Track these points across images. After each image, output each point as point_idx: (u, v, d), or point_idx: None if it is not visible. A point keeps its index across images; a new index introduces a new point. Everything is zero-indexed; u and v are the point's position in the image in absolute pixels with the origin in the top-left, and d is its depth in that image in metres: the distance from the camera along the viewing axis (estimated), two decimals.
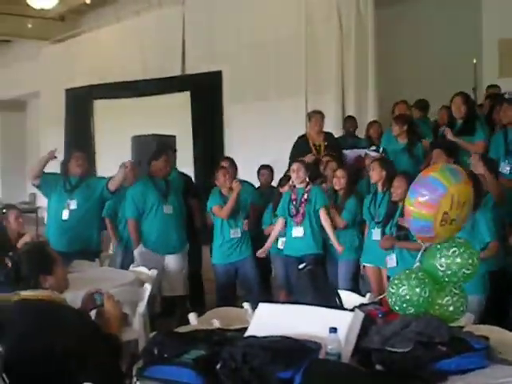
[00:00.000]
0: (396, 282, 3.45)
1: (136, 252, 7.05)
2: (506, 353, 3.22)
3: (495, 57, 10.27)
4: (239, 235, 7.04)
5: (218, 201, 7.07)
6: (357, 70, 10.60)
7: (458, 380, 2.89)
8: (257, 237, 7.25)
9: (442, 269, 3.43)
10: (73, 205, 6.93)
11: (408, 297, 3.36)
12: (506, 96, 7.97)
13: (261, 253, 6.79)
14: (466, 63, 10.08)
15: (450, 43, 10.96)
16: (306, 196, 6.67)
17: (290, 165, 7.89)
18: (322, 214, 6.59)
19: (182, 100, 13.43)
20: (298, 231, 6.67)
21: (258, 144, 11.08)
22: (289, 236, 6.76)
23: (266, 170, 8.13)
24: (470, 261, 3.42)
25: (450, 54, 10.88)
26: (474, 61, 10.03)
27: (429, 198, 3.43)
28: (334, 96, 10.73)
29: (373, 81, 10.53)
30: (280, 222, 6.82)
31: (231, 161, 7.75)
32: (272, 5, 11.53)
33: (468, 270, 3.42)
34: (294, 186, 6.80)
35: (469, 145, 6.58)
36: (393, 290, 3.44)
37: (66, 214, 6.93)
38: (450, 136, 6.68)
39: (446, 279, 3.45)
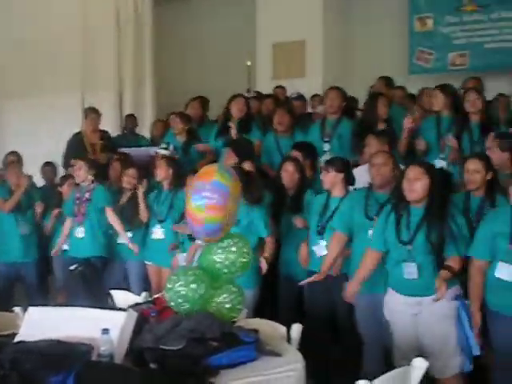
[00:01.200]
0: (173, 277, 3.52)
1: None
2: (274, 344, 3.38)
3: (269, 60, 10.65)
4: (27, 233, 6.86)
5: (4, 194, 6.85)
6: (134, 68, 10.52)
7: (229, 373, 2.99)
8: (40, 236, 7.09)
9: (219, 261, 3.59)
10: None
11: (184, 292, 3.43)
12: (295, 96, 8.15)
13: (54, 253, 6.70)
14: (242, 64, 10.39)
15: (228, 44, 11.24)
16: (87, 195, 6.55)
17: (65, 163, 7.67)
18: (108, 213, 6.48)
19: None
20: (79, 231, 6.53)
21: (32, 141, 10.64)
22: (72, 236, 6.60)
23: (49, 167, 7.86)
24: (245, 249, 3.67)
25: (227, 54, 11.15)
26: (249, 63, 10.37)
27: (217, 200, 3.53)
28: (111, 93, 10.53)
29: (150, 79, 10.51)
30: (68, 222, 6.67)
31: (18, 155, 7.50)
32: None
33: (244, 258, 3.65)
34: (78, 184, 6.67)
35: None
36: (170, 286, 3.50)
37: None
38: None
39: (225, 271, 3.60)
